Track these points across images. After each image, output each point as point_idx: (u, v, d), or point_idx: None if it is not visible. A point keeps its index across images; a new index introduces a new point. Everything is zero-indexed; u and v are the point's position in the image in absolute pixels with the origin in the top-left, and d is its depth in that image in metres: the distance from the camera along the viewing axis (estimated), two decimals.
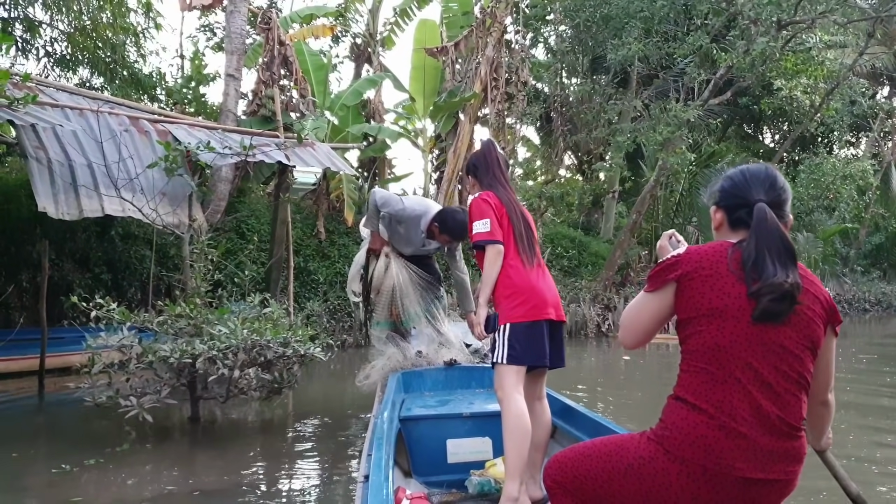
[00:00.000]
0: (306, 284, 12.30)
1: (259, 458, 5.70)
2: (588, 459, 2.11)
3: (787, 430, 1.93)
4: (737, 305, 1.94)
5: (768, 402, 1.91)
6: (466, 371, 4.95)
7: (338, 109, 13.96)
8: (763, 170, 2.15)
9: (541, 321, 3.26)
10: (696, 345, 1.98)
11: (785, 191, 2.12)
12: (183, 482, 4.90)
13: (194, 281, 6.59)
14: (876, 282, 24.39)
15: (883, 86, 28.11)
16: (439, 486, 3.81)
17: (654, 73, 18.87)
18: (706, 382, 1.94)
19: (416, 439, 3.97)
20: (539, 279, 3.33)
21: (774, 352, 1.93)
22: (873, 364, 11.07)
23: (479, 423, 3.94)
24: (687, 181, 18.32)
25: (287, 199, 9.73)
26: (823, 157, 21.86)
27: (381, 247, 5.48)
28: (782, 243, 1.97)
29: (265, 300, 6.84)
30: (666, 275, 2.04)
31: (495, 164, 3.52)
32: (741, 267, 1.96)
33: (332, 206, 13.28)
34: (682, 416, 1.95)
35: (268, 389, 6.21)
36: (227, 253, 10.71)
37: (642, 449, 2.00)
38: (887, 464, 5.33)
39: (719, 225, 2.18)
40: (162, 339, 6.01)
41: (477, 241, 3.33)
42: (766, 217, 2.00)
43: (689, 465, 1.91)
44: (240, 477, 5.05)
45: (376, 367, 5.26)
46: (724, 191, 2.17)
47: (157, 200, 7.38)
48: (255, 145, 8.02)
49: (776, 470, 1.91)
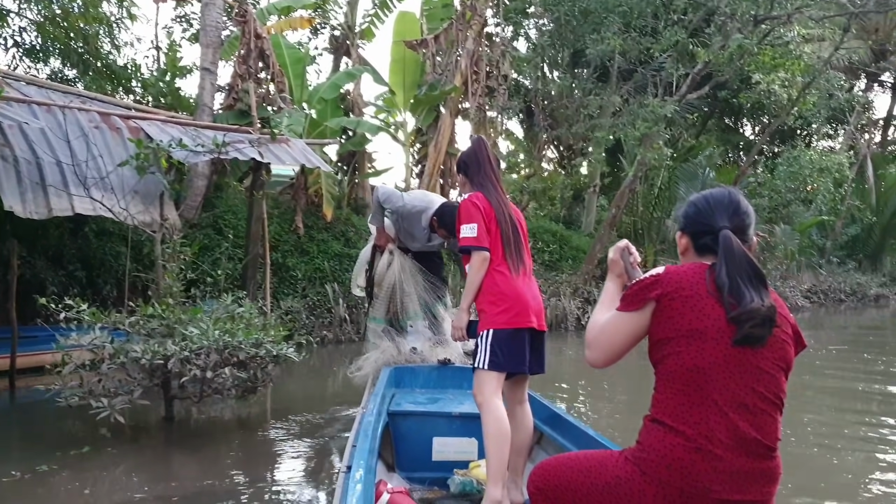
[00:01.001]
0: (284, 280, 12.21)
1: (236, 456, 5.68)
2: (570, 472, 2.14)
3: (764, 451, 1.95)
4: (716, 327, 1.95)
5: (745, 424, 1.92)
6: (460, 371, 4.95)
7: (316, 103, 13.86)
8: (726, 195, 2.18)
9: (523, 329, 3.26)
10: (674, 366, 1.98)
11: (748, 215, 2.15)
12: (156, 484, 4.86)
13: (167, 280, 6.52)
14: (851, 273, 24.70)
15: (860, 79, 28.35)
16: (422, 482, 3.85)
17: (634, 67, 18.90)
18: (683, 405, 1.96)
19: (403, 434, 3.99)
20: (524, 286, 3.32)
21: (751, 373, 1.95)
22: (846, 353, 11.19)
23: (467, 423, 3.95)
24: (666, 176, 18.39)
25: (261, 197, 9.64)
26: (801, 150, 22.04)
27: (387, 243, 5.48)
28: (752, 269, 2.00)
29: (238, 299, 6.78)
30: (647, 293, 2.04)
31: (486, 162, 3.49)
32: (718, 290, 1.98)
33: (311, 201, 13.18)
34: (659, 439, 1.97)
35: (243, 388, 6.18)
36: (203, 249, 10.63)
37: (620, 469, 2.02)
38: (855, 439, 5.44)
39: (685, 250, 2.22)
40: (134, 339, 5.95)
41: (463, 245, 3.35)
42: (731, 245, 2.03)
43: (666, 486, 1.93)
44: (216, 477, 5.02)
45: (370, 359, 5.29)
46: (689, 217, 2.21)
47: (129, 199, 7.29)
48: (228, 142, 7.93)
49: (753, 491, 1.93)
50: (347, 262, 13.00)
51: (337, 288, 12.44)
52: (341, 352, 11.64)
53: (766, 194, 20.58)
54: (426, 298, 5.44)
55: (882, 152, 30.52)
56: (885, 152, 31.19)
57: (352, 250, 13.19)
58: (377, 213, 5.40)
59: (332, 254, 12.94)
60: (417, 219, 5.23)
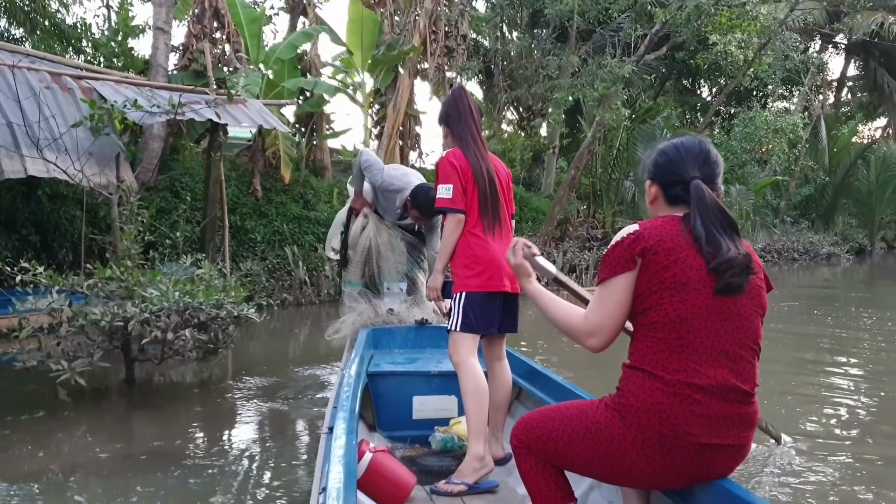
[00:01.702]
0: (243, 244, 12.14)
1: (198, 417, 5.71)
2: (551, 422, 2.17)
3: (742, 397, 1.98)
4: (698, 278, 1.97)
5: (724, 370, 1.96)
6: (437, 331, 4.98)
7: (272, 63, 13.64)
8: (696, 144, 2.18)
9: (496, 293, 3.30)
10: (656, 317, 2.00)
11: (718, 164, 2.17)
12: (118, 445, 4.90)
13: (125, 243, 6.47)
14: (804, 232, 25.25)
15: (814, 40, 28.73)
16: (403, 440, 3.92)
17: (592, 28, 18.91)
18: (663, 352, 1.98)
19: (383, 394, 4.04)
20: (500, 248, 3.32)
21: (732, 320, 1.99)
22: (798, 309, 11.54)
23: (446, 381, 3.98)
24: (624, 137, 18.54)
25: (219, 159, 9.54)
26: (757, 111, 22.35)
27: (363, 206, 5.41)
28: (724, 218, 2.03)
29: (197, 261, 6.76)
30: (632, 251, 2.02)
31: (468, 112, 3.44)
32: (696, 241, 2.00)
33: (269, 163, 13.05)
34: (638, 384, 2.00)
35: (204, 350, 6.18)
36: (160, 212, 10.52)
37: (600, 415, 2.06)
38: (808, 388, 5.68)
39: (654, 199, 2.22)
40: (93, 302, 5.91)
41: (438, 206, 3.35)
42: (704, 195, 2.05)
43: (644, 431, 1.96)
44: (178, 437, 5.07)
45: (347, 321, 5.25)
46: (659, 166, 2.20)
47: (84, 161, 7.16)
48: (184, 103, 7.82)
49: (731, 435, 1.97)
50: (306, 225, 12.97)
51: (296, 250, 12.41)
52: (302, 314, 11.67)
53: (723, 155, 20.65)
54: (403, 262, 5.41)
55: (835, 113, 31.11)
56: (838, 113, 31.81)
57: (310, 213, 13.14)
58: (357, 176, 5.34)
59: (291, 216, 12.88)
60: (392, 199, 5.16)
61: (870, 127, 34.89)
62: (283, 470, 4.39)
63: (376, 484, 2.90)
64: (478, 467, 3.12)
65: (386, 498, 2.91)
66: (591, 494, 2.88)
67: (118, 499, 3.87)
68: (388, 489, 2.93)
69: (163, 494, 3.93)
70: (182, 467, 4.37)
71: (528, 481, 2.26)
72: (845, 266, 23.13)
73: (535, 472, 2.23)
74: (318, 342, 9.51)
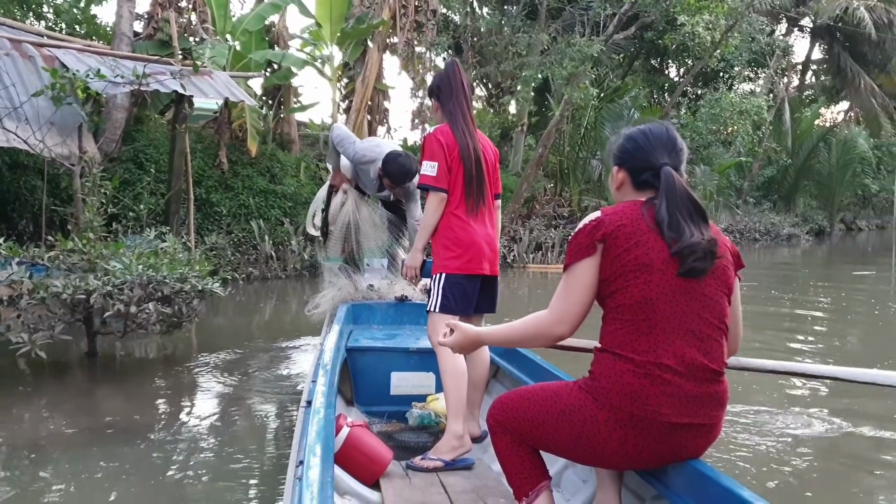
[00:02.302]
0: (209, 217, 12.03)
1: (162, 391, 5.70)
2: (527, 403, 2.19)
3: (711, 376, 2.01)
4: (661, 258, 2.00)
5: (693, 350, 1.99)
6: (417, 307, 4.98)
7: (240, 35, 13.45)
8: (664, 131, 2.20)
9: (475, 276, 3.32)
10: (622, 300, 2.02)
11: (683, 152, 2.20)
12: (81, 418, 4.88)
13: (87, 215, 6.39)
14: (766, 213, 25.70)
15: (781, 23, 29.02)
16: (380, 416, 3.91)
17: (562, 6, 18.90)
18: (632, 334, 2.01)
19: (361, 370, 4.04)
20: (481, 231, 3.34)
21: (698, 300, 2.02)
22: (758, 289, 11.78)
23: (425, 358, 3.99)
24: (592, 116, 18.62)
25: (184, 131, 9.43)
26: (723, 93, 22.58)
27: (341, 183, 5.38)
28: (692, 204, 2.06)
29: (161, 234, 6.70)
30: (593, 237, 2.05)
31: (460, 87, 3.39)
32: (658, 225, 2.03)
33: (235, 136, 12.93)
34: (609, 366, 2.02)
35: (167, 324, 6.16)
36: (124, 184, 10.38)
37: (573, 397, 2.09)
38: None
39: (621, 184, 2.23)
40: (54, 274, 5.84)
41: (421, 184, 3.33)
42: (673, 182, 2.07)
43: (616, 412, 1.99)
44: (142, 411, 5.06)
45: (326, 297, 5.23)
46: (627, 152, 2.21)
47: (45, 131, 7.04)
48: (149, 73, 7.71)
49: (701, 414, 2.00)
50: (273, 199, 12.89)
51: (262, 224, 12.35)
52: (268, 288, 11.64)
53: (688, 136, 21.07)
54: (383, 238, 5.40)
55: (799, 96, 31.56)
56: (801, 96, 32.26)
57: (277, 186, 13.06)
58: (332, 152, 5.32)
59: (257, 190, 12.79)
60: (366, 170, 5.13)
61: (832, 110, 35.55)
62: (248, 443, 4.42)
63: (353, 458, 2.92)
64: (456, 445, 3.14)
65: (362, 472, 2.94)
66: (566, 473, 2.91)
67: (83, 473, 3.87)
68: (365, 464, 2.95)
69: (128, 468, 3.93)
70: (147, 441, 4.37)
71: (504, 460, 2.29)
72: (805, 247, 23.61)
73: (511, 451, 2.26)
74: (283, 317, 9.52)
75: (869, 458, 4.33)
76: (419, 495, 2.87)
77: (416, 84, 17.67)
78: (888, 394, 5.08)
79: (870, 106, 29.38)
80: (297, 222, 12.73)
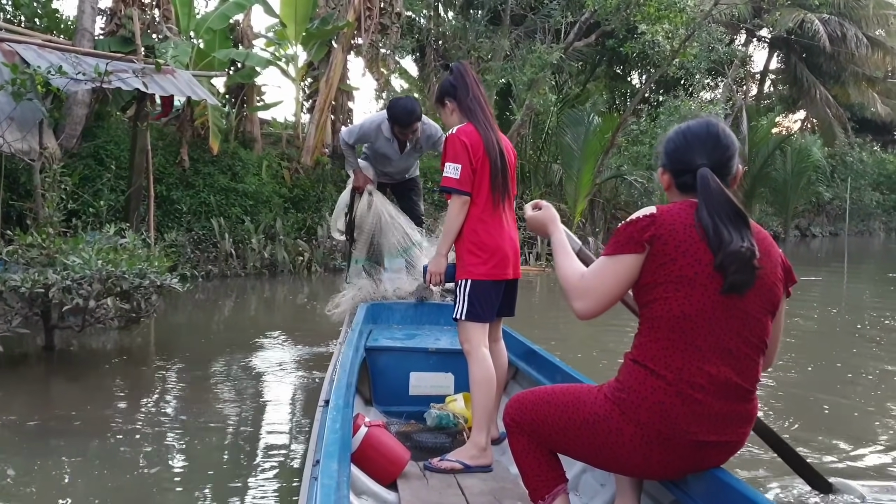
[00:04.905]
0: (169, 214, 12.04)
1: (119, 387, 5.74)
2: (547, 405, 2.14)
3: (743, 394, 1.97)
4: (706, 273, 1.92)
5: (727, 369, 1.93)
6: (436, 307, 4.99)
7: (203, 33, 13.45)
8: (704, 129, 2.10)
9: (501, 281, 3.30)
10: (660, 311, 1.96)
11: (728, 147, 2.08)
12: (37, 411, 4.93)
13: (46, 210, 6.45)
14: None
15: (740, 33, 29.66)
16: (399, 416, 3.92)
17: (525, 13, 19.17)
18: (667, 349, 1.95)
19: (380, 369, 4.04)
20: (505, 233, 3.30)
21: (738, 318, 1.95)
22: None
23: (444, 358, 4.01)
24: (553, 121, 18.91)
25: (145, 128, 9.47)
26: (683, 100, 23.01)
27: (365, 184, 5.44)
28: (731, 207, 1.96)
29: (121, 231, 6.77)
30: (641, 236, 1.97)
31: (474, 84, 3.35)
32: (705, 231, 1.94)
33: (197, 134, 12.93)
34: (640, 380, 1.96)
35: (126, 319, 6.23)
36: (84, 180, 10.38)
37: (598, 406, 2.03)
38: None
39: (668, 187, 2.16)
40: (12, 269, 5.89)
41: (444, 186, 3.24)
42: (709, 184, 1.98)
43: (644, 427, 1.94)
44: (99, 404, 5.12)
45: (346, 296, 5.30)
46: (667, 154, 2.15)
47: (5, 126, 7.07)
48: (111, 71, 7.77)
49: (729, 432, 1.97)
50: (234, 197, 12.92)
51: (223, 222, 12.38)
52: (227, 286, 11.69)
53: (647, 142, 21.47)
54: (403, 239, 5.42)
55: (757, 105, 32.21)
56: (759, 105, 32.93)
57: (238, 184, 13.09)
58: (348, 156, 5.44)
59: (219, 188, 12.81)
60: (377, 133, 5.18)
61: (789, 119, 36.31)
62: (209, 437, 4.50)
63: (370, 458, 2.91)
64: (476, 455, 3.12)
65: (379, 472, 2.93)
66: (584, 477, 2.87)
67: (39, 465, 3.91)
68: (382, 464, 2.94)
69: (85, 462, 3.99)
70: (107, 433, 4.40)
71: (520, 461, 2.26)
72: None
73: (528, 452, 2.22)
74: (242, 314, 9.60)
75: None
76: (436, 496, 2.86)
77: (380, 85, 17.81)
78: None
79: (825, 116, 30.18)
80: (257, 220, 12.81)
